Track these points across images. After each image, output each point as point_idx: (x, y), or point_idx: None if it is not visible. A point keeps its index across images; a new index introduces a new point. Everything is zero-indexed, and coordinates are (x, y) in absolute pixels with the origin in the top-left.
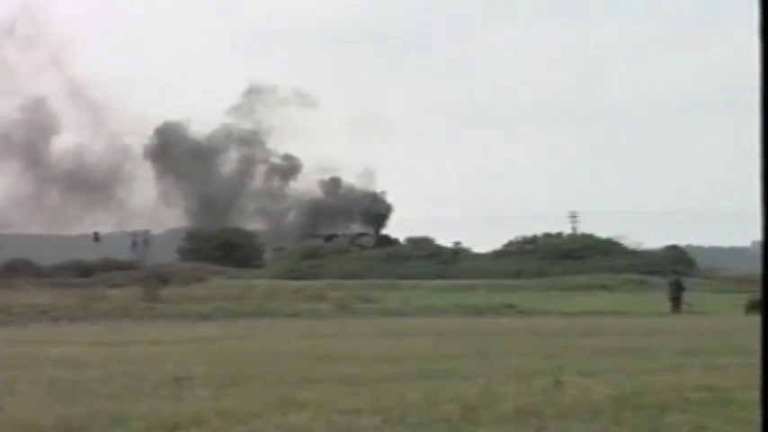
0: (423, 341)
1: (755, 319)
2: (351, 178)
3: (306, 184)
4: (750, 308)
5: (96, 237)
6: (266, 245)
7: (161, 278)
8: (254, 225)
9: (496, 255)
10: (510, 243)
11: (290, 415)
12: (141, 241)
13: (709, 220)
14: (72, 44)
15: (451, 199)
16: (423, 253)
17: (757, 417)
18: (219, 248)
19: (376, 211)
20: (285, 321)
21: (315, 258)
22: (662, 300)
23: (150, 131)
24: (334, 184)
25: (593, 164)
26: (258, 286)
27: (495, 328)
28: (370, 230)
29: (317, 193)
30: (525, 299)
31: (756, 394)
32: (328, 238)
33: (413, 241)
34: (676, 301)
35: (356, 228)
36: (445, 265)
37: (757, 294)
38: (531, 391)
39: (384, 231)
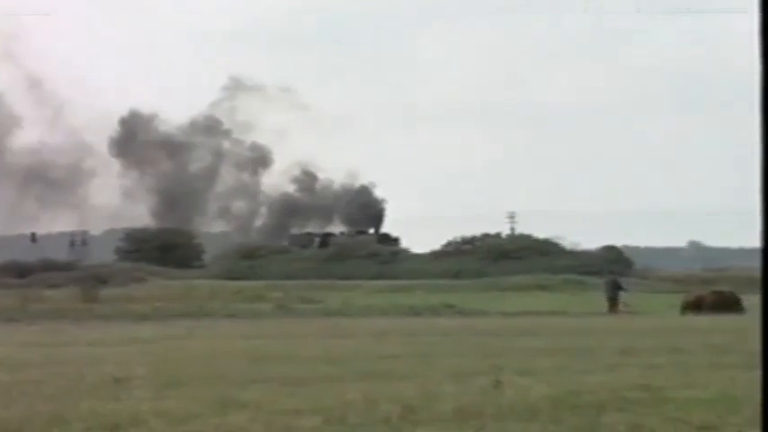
0: (362, 342)
1: (691, 319)
2: (325, 175)
3: (278, 180)
4: (685, 308)
5: (33, 237)
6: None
7: (99, 279)
8: (221, 224)
9: (435, 255)
10: (449, 243)
11: (230, 415)
12: (79, 242)
13: (644, 221)
14: (30, 37)
15: (389, 199)
16: (362, 253)
17: (692, 417)
18: (158, 249)
19: (362, 208)
20: (225, 322)
21: (254, 258)
22: (599, 300)
23: (115, 127)
24: (309, 179)
25: (530, 164)
26: (198, 287)
27: (434, 329)
28: (369, 229)
29: (290, 189)
30: (464, 299)
31: (691, 393)
32: (325, 237)
33: (352, 242)
34: (613, 301)
35: (334, 227)
36: (385, 265)
37: (691, 294)
38: (470, 391)
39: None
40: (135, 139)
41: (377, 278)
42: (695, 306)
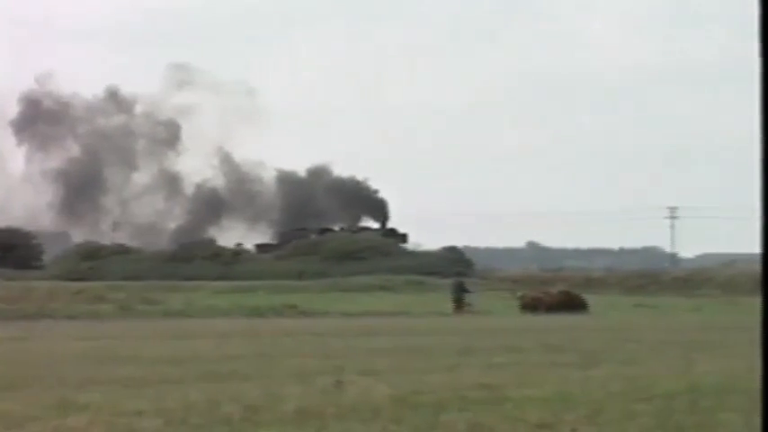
0: (205, 343)
1: (530, 319)
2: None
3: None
4: (523, 307)
5: None
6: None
7: None
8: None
9: (278, 256)
10: (291, 245)
11: (70, 418)
12: None
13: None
14: None
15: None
16: (204, 254)
17: (529, 415)
18: None
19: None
20: (65, 323)
21: (95, 259)
22: (441, 300)
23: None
24: (232, 167)
25: (372, 165)
26: (37, 288)
27: (276, 329)
28: (374, 224)
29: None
30: (307, 300)
31: (529, 392)
32: (322, 231)
33: (195, 242)
34: (459, 302)
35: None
36: (227, 266)
37: (529, 294)
38: (312, 392)
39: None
40: (35, 117)
41: (220, 279)
42: (534, 306)
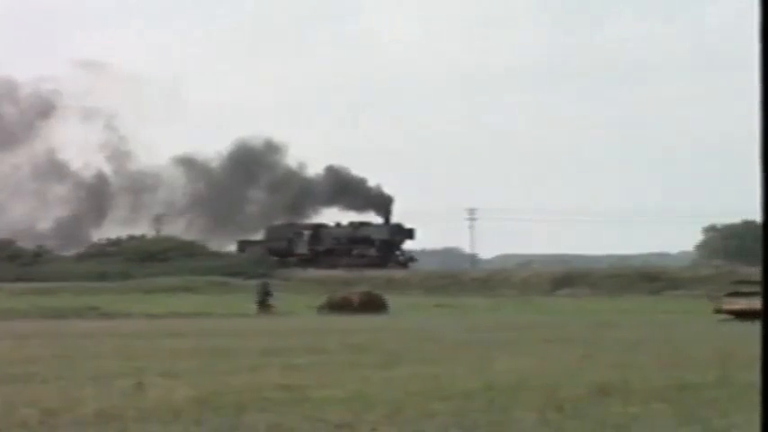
0: (1, 345)
1: (332, 320)
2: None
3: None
4: (326, 308)
5: None
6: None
7: None
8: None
9: (80, 257)
10: (93, 245)
11: None
12: None
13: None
14: None
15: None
16: (2, 255)
17: (330, 415)
18: None
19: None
20: None
21: None
22: (244, 301)
23: None
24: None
25: None
26: None
27: (77, 331)
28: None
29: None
30: (109, 301)
31: (330, 392)
32: (316, 229)
33: None
34: (264, 304)
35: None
36: (26, 267)
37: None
38: (112, 394)
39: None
40: None
41: (19, 280)
42: (338, 306)
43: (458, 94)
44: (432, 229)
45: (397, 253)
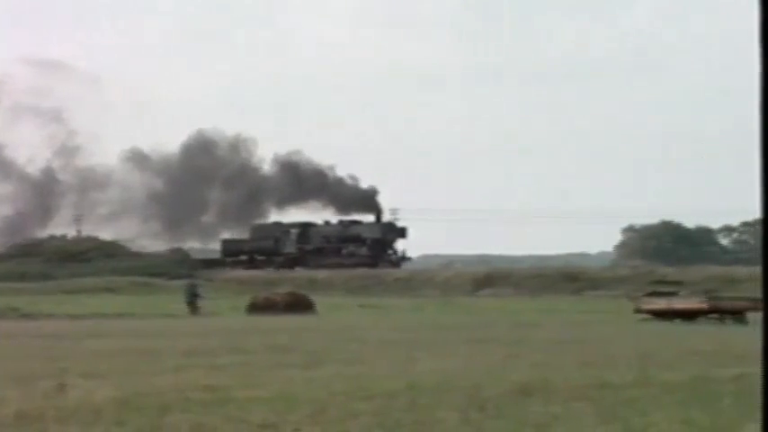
0: None
1: (256, 320)
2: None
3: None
4: (254, 308)
5: None
6: None
7: None
8: None
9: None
10: (13, 246)
11: None
12: None
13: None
14: None
15: None
16: None
17: (253, 416)
18: None
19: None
20: None
21: None
22: (166, 301)
23: None
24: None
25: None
26: None
27: None
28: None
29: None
30: (29, 302)
31: (253, 392)
32: (305, 228)
33: None
34: (192, 305)
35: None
36: None
37: (257, 296)
38: (33, 395)
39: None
40: None
41: None
42: (261, 307)
43: (376, 95)
44: None
45: (389, 252)
